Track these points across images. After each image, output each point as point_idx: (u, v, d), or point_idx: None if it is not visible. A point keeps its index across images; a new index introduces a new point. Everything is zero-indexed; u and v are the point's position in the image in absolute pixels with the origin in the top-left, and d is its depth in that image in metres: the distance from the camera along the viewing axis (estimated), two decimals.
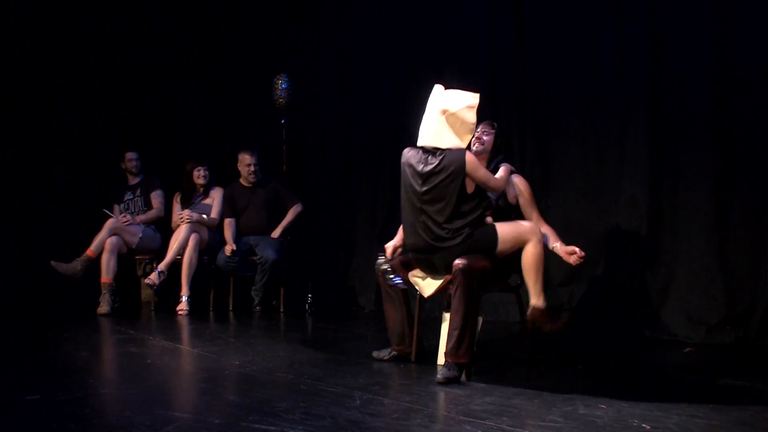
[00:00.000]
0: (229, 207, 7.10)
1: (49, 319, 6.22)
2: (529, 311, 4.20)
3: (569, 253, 4.26)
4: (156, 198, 7.24)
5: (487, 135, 4.52)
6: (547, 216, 5.89)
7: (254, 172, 7.05)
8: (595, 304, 5.71)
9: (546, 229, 4.43)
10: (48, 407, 3.31)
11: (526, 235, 4.17)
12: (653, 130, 5.47)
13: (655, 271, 5.46)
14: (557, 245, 4.36)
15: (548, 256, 5.85)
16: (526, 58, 6.19)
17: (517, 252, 4.21)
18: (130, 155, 7.29)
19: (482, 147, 4.50)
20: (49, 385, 3.72)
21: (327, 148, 7.69)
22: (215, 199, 7.14)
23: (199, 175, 7.12)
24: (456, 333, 3.96)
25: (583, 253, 4.23)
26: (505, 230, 4.18)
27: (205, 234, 6.93)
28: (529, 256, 4.15)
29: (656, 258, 5.46)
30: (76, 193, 7.53)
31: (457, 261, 4.00)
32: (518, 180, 4.49)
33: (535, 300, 4.16)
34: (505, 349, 5.02)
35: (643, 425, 3.08)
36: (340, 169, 7.56)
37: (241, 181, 7.16)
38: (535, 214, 4.48)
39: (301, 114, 7.63)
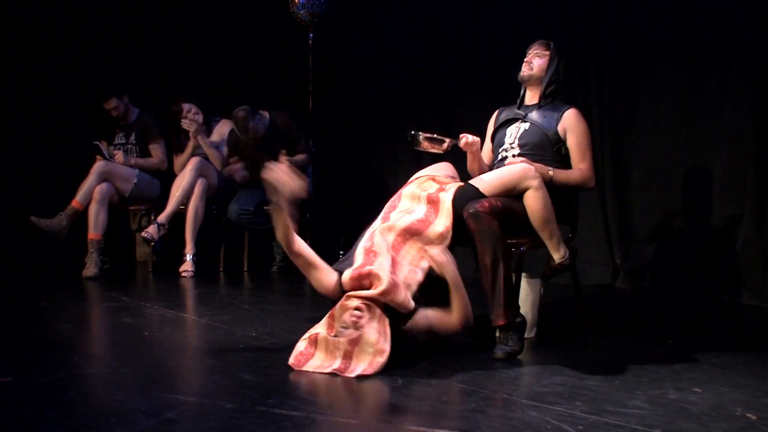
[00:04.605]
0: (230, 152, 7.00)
1: (26, 285, 6.23)
2: (552, 265, 4.20)
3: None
4: (156, 149, 7.08)
5: (539, 57, 4.53)
6: (629, 155, 5.85)
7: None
8: (687, 265, 5.69)
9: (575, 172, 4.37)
10: (23, 391, 3.31)
11: (522, 179, 4.02)
12: (764, 48, 5.33)
13: (764, 226, 5.37)
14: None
15: (624, 210, 5.84)
16: None
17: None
18: (109, 103, 6.92)
19: (530, 72, 4.54)
20: (24, 365, 3.73)
21: (364, 74, 7.61)
22: (225, 134, 7.09)
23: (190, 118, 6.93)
24: (495, 291, 3.90)
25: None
26: (489, 182, 4.06)
27: (214, 178, 6.84)
28: (534, 204, 4.01)
29: (766, 209, 5.36)
30: (57, 136, 7.42)
31: (467, 206, 3.94)
32: (571, 113, 4.43)
33: (559, 255, 4.16)
34: (572, 319, 4.96)
35: (748, 415, 3.03)
36: (381, 102, 7.50)
37: None
38: (584, 163, 4.38)
39: (333, 30, 7.52)
